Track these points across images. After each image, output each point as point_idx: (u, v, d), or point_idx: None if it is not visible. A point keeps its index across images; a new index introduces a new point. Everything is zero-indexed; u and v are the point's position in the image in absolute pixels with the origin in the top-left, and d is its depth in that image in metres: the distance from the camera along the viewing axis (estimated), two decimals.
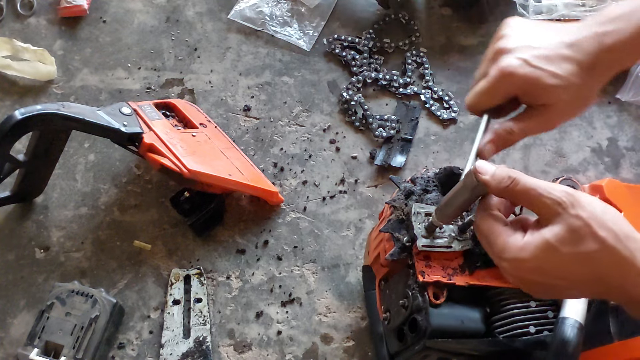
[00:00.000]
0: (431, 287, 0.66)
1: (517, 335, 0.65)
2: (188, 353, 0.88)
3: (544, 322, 0.66)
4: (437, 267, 0.66)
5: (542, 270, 0.53)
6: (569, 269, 0.52)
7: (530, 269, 0.53)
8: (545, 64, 0.59)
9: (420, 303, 0.65)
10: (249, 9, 1.13)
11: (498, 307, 0.68)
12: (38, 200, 0.98)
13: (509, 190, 0.55)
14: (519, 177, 0.55)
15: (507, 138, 0.63)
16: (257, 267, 0.95)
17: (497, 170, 0.56)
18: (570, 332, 0.60)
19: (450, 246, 0.67)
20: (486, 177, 0.56)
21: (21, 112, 0.79)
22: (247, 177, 0.94)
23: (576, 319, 0.61)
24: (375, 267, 0.78)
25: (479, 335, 0.66)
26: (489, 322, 0.68)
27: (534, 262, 0.53)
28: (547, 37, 0.62)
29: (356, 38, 1.11)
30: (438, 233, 0.67)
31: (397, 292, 0.70)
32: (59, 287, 0.88)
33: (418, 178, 0.72)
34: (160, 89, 1.08)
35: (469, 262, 0.67)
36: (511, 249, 0.54)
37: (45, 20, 1.13)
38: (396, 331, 0.70)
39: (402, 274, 0.70)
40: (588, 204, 0.52)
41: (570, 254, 0.51)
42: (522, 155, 1.03)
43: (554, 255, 0.52)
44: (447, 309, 0.65)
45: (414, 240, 0.67)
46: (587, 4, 1.01)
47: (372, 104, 1.06)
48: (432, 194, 0.71)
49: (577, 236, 0.51)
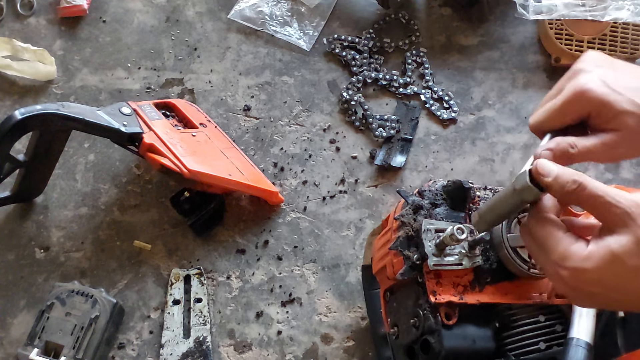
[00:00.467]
0: (443, 307, 0.65)
1: (528, 352, 0.65)
2: (188, 353, 0.88)
3: (554, 337, 0.66)
4: (447, 285, 0.65)
5: (604, 282, 0.50)
6: (632, 282, 0.49)
7: (592, 280, 0.50)
8: (625, 90, 0.56)
9: (433, 325, 0.64)
10: (249, 8, 1.13)
11: (507, 322, 0.67)
12: (38, 200, 0.98)
13: (575, 195, 0.51)
14: (586, 181, 0.51)
15: (567, 151, 0.57)
16: (257, 267, 0.95)
17: (562, 172, 0.52)
18: (580, 354, 0.59)
19: (461, 263, 0.65)
20: (549, 179, 0.52)
21: (21, 112, 0.79)
22: (247, 177, 0.94)
23: (585, 339, 0.60)
24: (380, 277, 0.76)
25: (490, 353, 0.66)
26: (499, 339, 0.67)
27: (597, 274, 0.50)
28: (631, 69, 0.59)
29: (356, 38, 1.11)
30: (448, 250, 0.65)
31: (406, 308, 0.69)
32: (59, 287, 0.88)
33: (426, 191, 0.71)
34: (160, 88, 1.08)
35: (478, 278, 0.66)
36: (574, 258, 0.51)
37: (45, 20, 1.13)
38: (406, 348, 0.69)
39: (410, 290, 0.69)
40: None
41: (636, 267, 0.49)
42: (523, 155, 1.03)
43: (619, 267, 0.49)
44: (459, 330, 0.64)
45: (424, 258, 0.65)
46: (587, 4, 1.01)
47: (372, 104, 1.06)
48: (440, 208, 0.69)
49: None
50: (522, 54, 1.10)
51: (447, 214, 0.69)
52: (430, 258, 0.65)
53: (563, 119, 0.59)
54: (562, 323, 0.66)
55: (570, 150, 0.57)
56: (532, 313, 0.67)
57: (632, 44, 1.04)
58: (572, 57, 1.05)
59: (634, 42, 1.04)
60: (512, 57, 1.10)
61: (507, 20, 1.13)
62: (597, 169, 1.02)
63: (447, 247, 0.65)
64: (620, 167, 1.02)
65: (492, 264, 0.66)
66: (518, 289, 0.67)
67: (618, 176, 1.02)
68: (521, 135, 1.04)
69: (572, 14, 1.01)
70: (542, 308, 0.68)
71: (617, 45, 1.04)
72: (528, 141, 1.04)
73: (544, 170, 0.52)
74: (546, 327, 0.66)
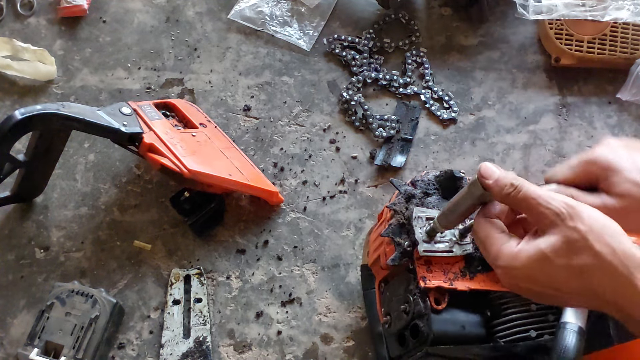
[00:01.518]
0: (433, 292, 0.65)
1: (518, 339, 0.65)
2: (188, 353, 0.88)
3: (545, 325, 0.66)
4: (438, 272, 0.66)
5: (534, 278, 0.53)
6: (561, 280, 0.52)
7: (522, 277, 0.53)
8: (635, 164, 0.59)
9: (422, 309, 0.65)
10: (249, 8, 1.13)
11: (498, 311, 0.68)
12: (38, 200, 0.98)
13: (511, 197, 0.54)
14: (522, 184, 0.54)
15: None
16: (257, 267, 0.95)
17: (502, 176, 0.55)
18: (571, 337, 0.59)
19: (452, 250, 0.66)
20: (489, 181, 0.55)
21: (21, 112, 0.79)
22: (247, 177, 0.94)
23: (577, 323, 0.61)
24: (375, 269, 0.77)
25: (480, 340, 0.66)
26: (490, 326, 0.67)
27: (525, 271, 0.53)
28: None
29: (356, 38, 1.11)
30: (439, 237, 0.66)
31: (398, 296, 0.70)
32: (59, 287, 0.88)
33: (418, 181, 0.72)
34: (160, 89, 1.08)
35: (469, 266, 0.67)
36: (504, 256, 0.54)
37: (45, 20, 1.13)
38: (397, 335, 0.70)
39: (402, 278, 0.70)
40: (588, 217, 0.51)
41: (564, 266, 0.51)
42: (522, 155, 1.03)
43: (547, 265, 0.51)
44: (449, 315, 0.65)
45: (415, 245, 0.66)
46: (587, 4, 1.01)
47: (372, 104, 1.06)
48: (432, 197, 0.70)
49: (573, 248, 0.50)
50: (522, 54, 1.10)
51: (439, 202, 0.70)
52: (420, 244, 0.66)
53: (573, 175, 0.61)
54: (555, 313, 0.66)
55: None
56: (523, 301, 0.67)
57: (632, 44, 1.04)
58: (572, 57, 1.05)
59: (634, 42, 1.04)
60: (512, 57, 1.10)
61: (507, 20, 1.13)
62: None
63: (438, 234, 0.66)
64: None
65: None
66: None
67: None
68: (521, 136, 1.04)
69: (572, 14, 1.01)
70: None
71: (617, 45, 1.04)
72: (528, 141, 1.04)
73: (486, 173, 0.55)
74: (538, 315, 0.66)
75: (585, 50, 1.04)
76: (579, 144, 1.04)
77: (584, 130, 1.05)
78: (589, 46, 1.04)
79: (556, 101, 1.07)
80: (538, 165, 1.02)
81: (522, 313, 0.67)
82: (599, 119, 1.06)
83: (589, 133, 1.05)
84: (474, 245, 0.67)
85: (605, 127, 1.05)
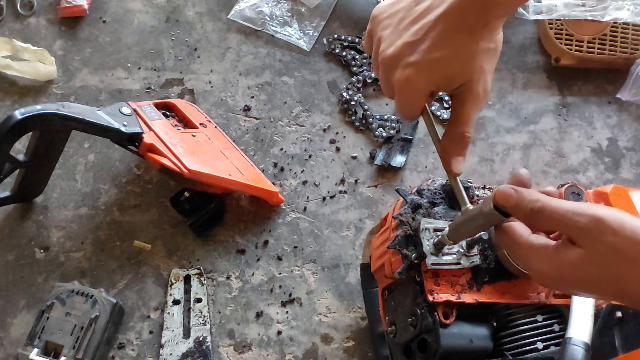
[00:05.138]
0: (441, 306, 0.64)
1: (525, 352, 0.65)
2: (188, 353, 0.88)
3: (551, 336, 0.66)
4: (445, 285, 0.65)
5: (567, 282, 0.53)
6: (594, 286, 0.52)
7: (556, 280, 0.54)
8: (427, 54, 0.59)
9: (430, 324, 0.64)
10: (249, 9, 1.13)
11: (505, 322, 0.67)
12: (38, 200, 0.98)
13: (535, 220, 0.54)
14: (542, 205, 0.53)
15: (465, 138, 0.64)
16: (257, 267, 0.95)
17: (519, 199, 0.54)
18: (577, 354, 0.59)
19: (459, 262, 0.65)
20: (508, 207, 0.54)
21: (21, 112, 0.79)
22: (247, 177, 0.94)
23: (583, 339, 0.60)
24: (378, 276, 0.76)
25: (488, 352, 0.66)
26: (497, 338, 0.67)
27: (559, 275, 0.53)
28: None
29: (356, 38, 1.11)
30: (446, 249, 0.65)
31: (404, 307, 0.69)
32: (59, 287, 0.88)
33: (424, 190, 0.70)
34: (160, 89, 1.08)
35: (476, 278, 0.66)
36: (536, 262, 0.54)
37: (45, 20, 1.13)
38: (403, 347, 0.69)
39: (408, 288, 0.69)
40: (619, 227, 0.50)
41: (597, 275, 0.51)
42: (522, 155, 1.03)
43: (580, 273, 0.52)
44: (456, 328, 0.64)
45: (422, 257, 0.65)
46: (587, 4, 1.01)
47: (372, 104, 1.06)
48: (439, 207, 0.69)
49: (606, 261, 0.50)
50: (522, 54, 1.10)
51: (446, 213, 0.69)
52: (428, 257, 0.64)
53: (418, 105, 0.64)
54: (560, 323, 0.66)
55: (465, 135, 0.64)
56: (529, 313, 0.67)
57: (632, 44, 1.04)
58: (572, 57, 1.05)
59: (634, 42, 1.04)
60: (512, 57, 1.10)
61: (507, 20, 1.12)
62: (597, 169, 1.02)
63: (445, 246, 0.65)
64: (620, 167, 1.02)
65: (490, 263, 0.66)
66: (516, 288, 0.67)
67: (618, 176, 1.02)
68: (521, 136, 1.04)
69: (572, 14, 1.01)
70: (539, 308, 0.68)
71: (617, 45, 1.04)
72: (528, 141, 1.04)
73: (502, 199, 0.54)
74: (544, 326, 0.66)
75: (585, 50, 1.04)
76: (579, 144, 1.04)
77: (583, 130, 1.05)
78: (589, 46, 1.04)
79: (556, 101, 1.07)
80: (538, 166, 1.02)
81: (528, 325, 0.66)
82: (598, 119, 1.06)
83: (588, 133, 1.05)
84: (481, 256, 0.66)
85: (605, 127, 1.05)
